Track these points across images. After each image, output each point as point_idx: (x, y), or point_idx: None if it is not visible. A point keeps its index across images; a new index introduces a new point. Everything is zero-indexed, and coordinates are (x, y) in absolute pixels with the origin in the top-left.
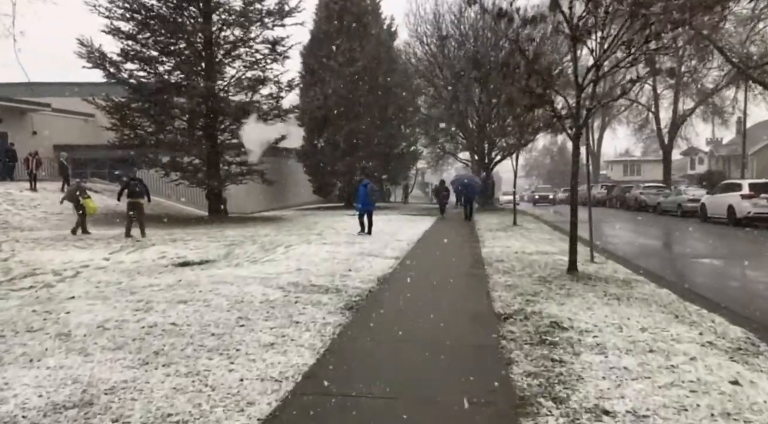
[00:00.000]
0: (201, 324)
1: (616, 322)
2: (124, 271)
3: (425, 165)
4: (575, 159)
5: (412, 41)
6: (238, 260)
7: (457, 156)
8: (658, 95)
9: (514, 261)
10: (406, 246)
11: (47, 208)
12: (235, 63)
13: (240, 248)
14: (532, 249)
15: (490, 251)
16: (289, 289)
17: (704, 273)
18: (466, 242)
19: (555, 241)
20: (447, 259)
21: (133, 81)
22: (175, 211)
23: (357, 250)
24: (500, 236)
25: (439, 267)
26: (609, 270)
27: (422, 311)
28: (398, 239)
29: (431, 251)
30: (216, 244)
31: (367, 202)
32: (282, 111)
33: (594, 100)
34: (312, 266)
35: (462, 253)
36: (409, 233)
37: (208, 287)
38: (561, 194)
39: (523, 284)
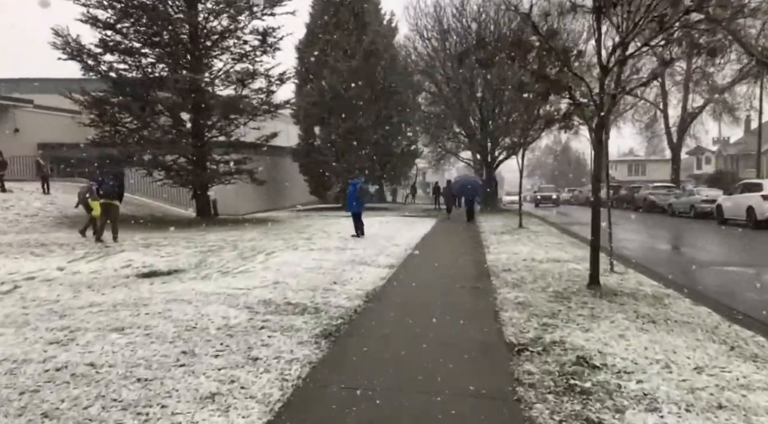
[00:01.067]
0: (128, 364)
1: (661, 357)
2: (73, 285)
3: (426, 165)
4: (598, 155)
5: (412, 35)
6: (209, 271)
7: (458, 155)
8: (666, 92)
9: (523, 271)
10: (403, 252)
11: (21, 209)
12: (223, 56)
13: (216, 255)
14: (542, 256)
15: (496, 258)
16: (258, 309)
17: (739, 284)
18: (469, 247)
19: (566, 246)
20: (448, 268)
21: (113, 74)
22: (161, 212)
23: (348, 257)
24: (506, 240)
25: (439, 278)
26: (633, 282)
27: (415, 341)
28: (396, 244)
29: (430, 257)
30: (192, 250)
31: (355, 203)
32: (272, 106)
33: (620, 85)
34: (292, 278)
35: (465, 260)
36: (408, 236)
37: (159, 307)
38: (565, 194)
39: (537, 301)
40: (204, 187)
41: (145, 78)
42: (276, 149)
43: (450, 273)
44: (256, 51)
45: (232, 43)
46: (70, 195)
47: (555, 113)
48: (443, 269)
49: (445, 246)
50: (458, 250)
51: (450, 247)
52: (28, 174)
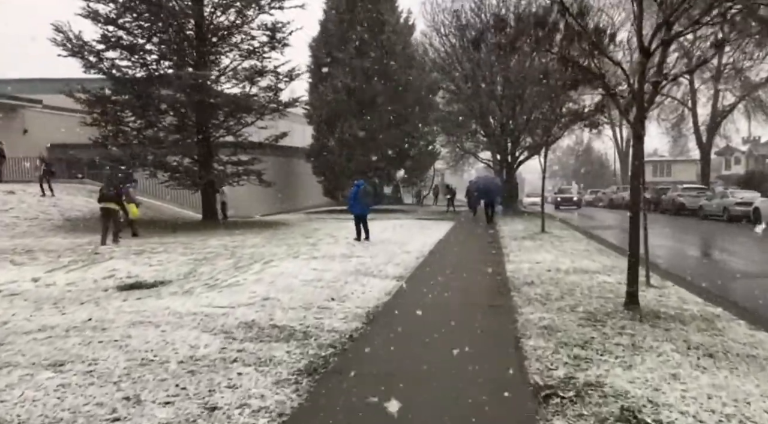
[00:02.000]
0: (46, 420)
1: (731, 411)
2: (38, 300)
3: (444, 166)
4: (637, 152)
5: (429, 32)
6: (195, 283)
7: (477, 156)
8: (695, 90)
9: (548, 284)
10: (414, 260)
11: (21, 212)
12: (230, 52)
13: (210, 263)
14: (568, 265)
15: (516, 268)
16: (236, 334)
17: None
18: (487, 255)
19: (593, 253)
20: (462, 280)
21: (116, 71)
22: (169, 214)
23: (352, 266)
24: (527, 246)
25: (452, 294)
26: (674, 299)
27: (417, 381)
28: (407, 251)
29: (444, 267)
30: (186, 258)
31: (357, 205)
32: (281, 104)
33: (662, 72)
34: (285, 293)
35: (482, 271)
36: (421, 241)
37: (119, 332)
38: (588, 196)
39: (566, 324)
40: (210, 188)
41: (148, 75)
42: (289, 150)
43: (465, 287)
44: (264, 47)
45: (240, 39)
46: (74, 197)
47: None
48: (457, 282)
49: (460, 253)
50: (475, 258)
51: (466, 254)
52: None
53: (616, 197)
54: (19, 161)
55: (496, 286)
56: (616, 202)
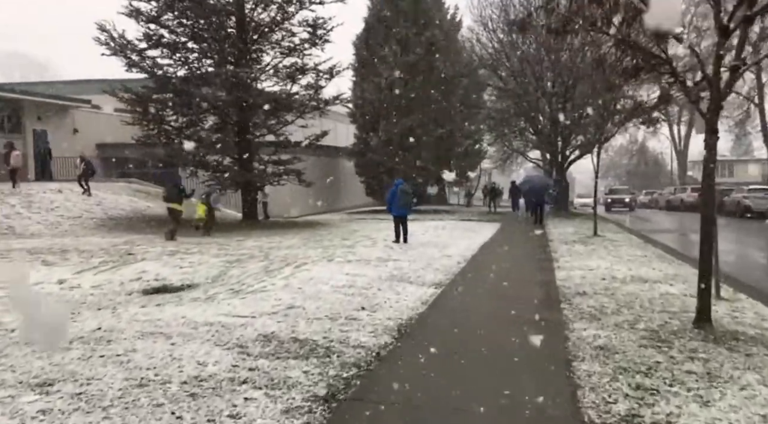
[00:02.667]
0: None
1: None
2: (55, 305)
3: (491, 165)
4: (710, 149)
5: (476, 27)
6: (221, 288)
7: (525, 155)
8: (762, 85)
9: (602, 295)
10: (455, 266)
11: (66, 211)
12: (271, 50)
13: (241, 266)
14: (624, 272)
15: (567, 276)
16: (252, 349)
17: None
18: (534, 260)
19: (652, 260)
20: (507, 289)
21: (157, 70)
22: None
23: (388, 271)
24: (579, 250)
25: (495, 305)
26: (751, 315)
27: (451, 417)
28: (447, 255)
29: (487, 274)
30: (218, 260)
31: (397, 206)
32: (321, 102)
33: (741, 55)
34: (313, 300)
35: (529, 278)
36: (464, 245)
37: (124, 344)
38: (642, 197)
39: (625, 344)
40: (250, 188)
41: (189, 74)
42: (332, 149)
43: (509, 296)
44: (304, 44)
45: (280, 36)
46: (119, 197)
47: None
48: (501, 291)
49: (505, 258)
50: (521, 264)
51: (512, 259)
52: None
53: (674, 199)
54: (69, 161)
55: (545, 296)
56: (673, 203)
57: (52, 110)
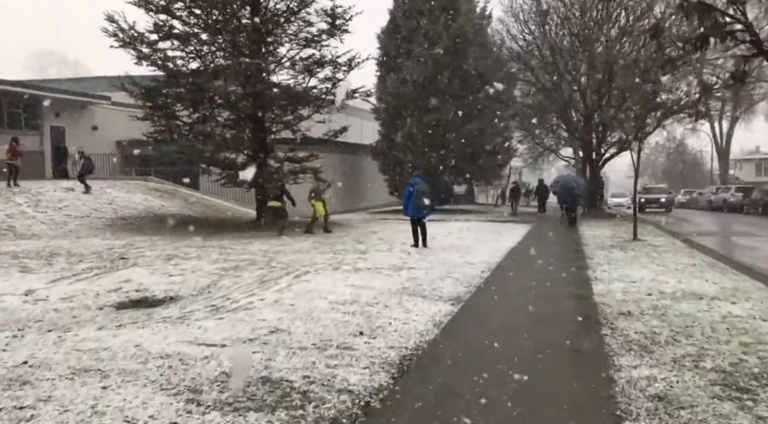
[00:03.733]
0: None
1: None
2: (5, 323)
3: (522, 163)
4: None
5: (506, 18)
6: (201, 304)
7: (557, 153)
8: None
9: (651, 316)
10: (477, 275)
11: (74, 210)
12: (287, 42)
13: (235, 275)
14: (673, 285)
15: (606, 290)
16: (206, 395)
17: None
18: (568, 269)
19: (704, 269)
20: (536, 306)
21: (169, 63)
22: (228, 214)
23: (400, 283)
24: (617, 257)
25: (521, 328)
26: None
27: None
28: (470, 262)
29: (513, 286)
30: (214, 267)
31: (414, 208)
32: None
33: None
34: (303, 321)
35: (562, 292)
36: (490, 250)
37: (45, 386)
38: (681, 197)
39: (692, 393)
40: (262, 187)
41: (202, 67)
42: (355, 147)
43: (539, 317)
44: (322, 35)
45: (297, 26)
46: (133, 195)
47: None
48: (529, 309)
49: (535, 267)
50: (553, 274)
51: (542, 268)
52: (104, 172)
53: (716, 199)
54: None
55: (581, 317)
56: (715, 204)
57: (71, 107)
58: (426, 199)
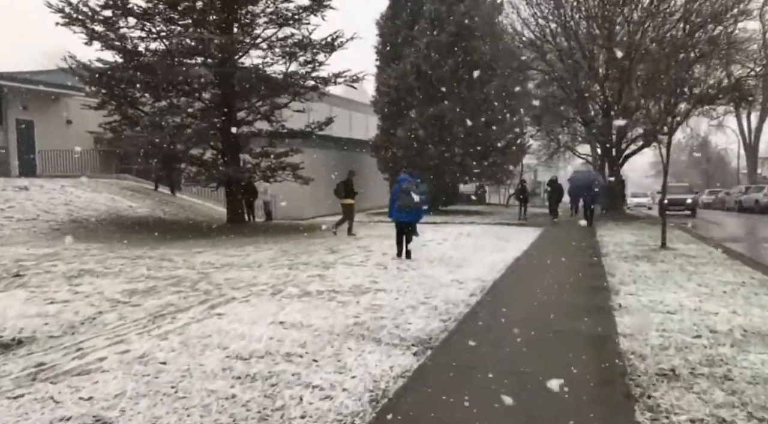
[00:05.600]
0: None
1: None
2: None
3: (536, 161)
4: None
5: (517, 1)
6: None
7: (574, 150)
8: None
9: (708, 380)
10: (464, 300)
11: (20, 212)
12: (262, 19)
13: (134, 304)
14: (726, 318)
15: (636, 326)
16: None
17: None
18: (583, 291)
19: (759, 290)
20: (535, 361)
21: (127, 44)
22: (203, 215)
23: (353, 315)
24: (646, 273)
25: (511, 403)
26: None
27: None
28: (459, 280)
29: (510, 319)
30: (124, 288)
31: (399, 210)
32: (319, 81)
33: None
34: (156, 401)
35: (573, 331)
36: (488, 262)
37: None
38: (705, 197)
39: None
40: (236, 185)
41: (165, 48)
42: (352, 142)
43: (537, 384)
44: (302, 12)
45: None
46: (99, 195)
47: None
48: (525, 365)
49: (541, 287)
50: (563, 299)
51: (550, 290)
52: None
53: (746, 199)
54: (61, 154)
55: (602, 381)
56: (746, 205)
57: (41, 99)
58: (414, 198)
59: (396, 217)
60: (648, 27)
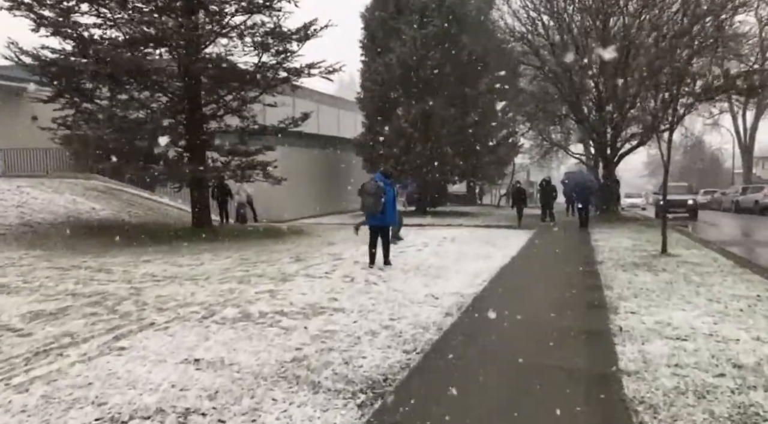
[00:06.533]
0: None
1: None
2: None
3: (528, 160)
4: None
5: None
6: None
7: (567, 149)
8: None
9: None
10: (436, 322)
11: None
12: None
13: (24, 333)
14: (750, 346)
15: (640, 358)
16: None
17: None
18: (577, 309)
19: None
20: (518, 410)
21: (82, 31)
22: (171, 217)
23: (295, 346)
24: (647, 284)
25: None
26: None
27: None
28: (434, 295)
29: (486, 351)
30: (30, 309)
31: (368, 212)
32: (292, 72)
33: None
34: None
35: (565, 369)
36: (472, 271)
37: None
38: (701, 197)
39: None
40: (201, 185)
41: (122, 36)
42: (335, 140)
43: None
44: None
45: None
46: (60, 196)
47: None
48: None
49: (528, 304)
50: (553, 320)
51: (537, 307)
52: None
53: (744, 200)
54: (24, 153)
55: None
56: (743, 205)
57: (4, 94)
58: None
59: (368, 221)
60: (644, 19)
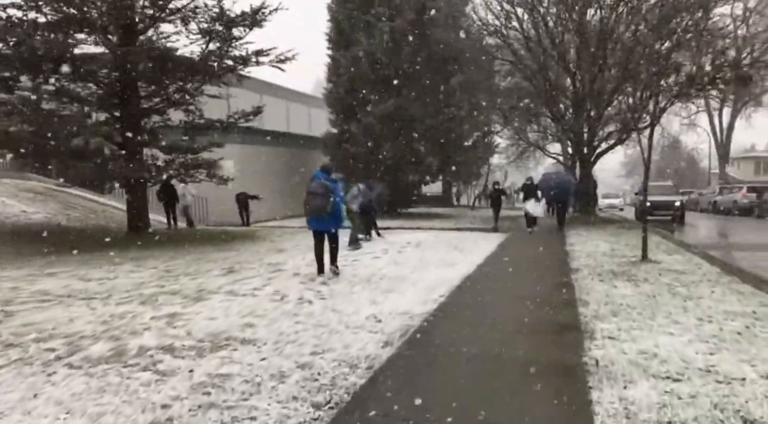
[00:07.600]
0: None
1: None
2: None
3: (505, 161)
4: None
5: None
6: None
7: (544, 149)
8: None
9: None
10: (371, 356)
11: None
12: None
13: None
14: (757, 386)
15: (623, 413)
16: None
17: None
18: (547, 331)
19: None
20: None
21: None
22: (112, 221)
23: (166, 402)
24: (626, 297)
25: None
26: None
27: None
28: (377, 317)
29: (430, 402)
30: None
31: (317, 217)
32: (238, 60)
33: None
34: None
35: (529, 417)
36: (431, 282)
37: None
38: None
39: None
40: (136, 186)
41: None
42: (304, 139)
43: None
44: None
45: None
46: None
47: None
48: None
49: (490, 327)
50: (516, 350)
51: (500, 332)
52: None
53: (723, 200)
54: None
55: None
56: (721, 206)
57: None
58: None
59: (311, 225)
60: (622, 12)
